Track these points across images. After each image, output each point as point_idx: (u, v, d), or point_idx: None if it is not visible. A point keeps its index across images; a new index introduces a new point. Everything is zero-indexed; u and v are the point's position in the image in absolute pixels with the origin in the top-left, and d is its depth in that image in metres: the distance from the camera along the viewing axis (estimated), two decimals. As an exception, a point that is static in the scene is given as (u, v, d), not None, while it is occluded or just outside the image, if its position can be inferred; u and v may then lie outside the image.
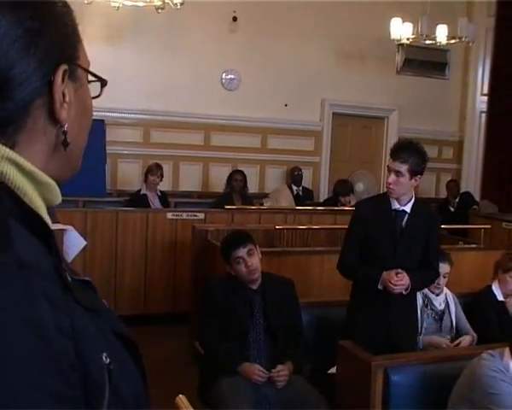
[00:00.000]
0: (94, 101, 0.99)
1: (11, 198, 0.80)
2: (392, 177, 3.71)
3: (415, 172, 3.72)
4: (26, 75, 0.83)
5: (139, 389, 0.91)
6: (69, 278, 0.82)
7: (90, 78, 0.98)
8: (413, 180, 3.74)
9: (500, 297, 4.83)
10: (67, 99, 0.88)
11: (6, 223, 0.75)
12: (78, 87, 0.92)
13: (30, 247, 0.76)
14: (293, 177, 9.41)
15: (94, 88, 0.99)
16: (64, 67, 0.88)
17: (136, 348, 0.94)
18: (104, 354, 0.81)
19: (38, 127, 0.86)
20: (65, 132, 0.89)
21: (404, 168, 3.69)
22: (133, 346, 0.93)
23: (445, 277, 4.59)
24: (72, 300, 0.79)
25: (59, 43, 0.88)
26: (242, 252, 3.97)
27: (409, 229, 3.81)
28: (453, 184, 9.82)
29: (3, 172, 0.81)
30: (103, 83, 0.99)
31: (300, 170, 9.47)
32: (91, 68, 0.97)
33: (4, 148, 0.82)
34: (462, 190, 10.18)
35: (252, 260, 3.98)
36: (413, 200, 3.84)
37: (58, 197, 0.90)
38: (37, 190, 0.85)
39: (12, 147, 0.83)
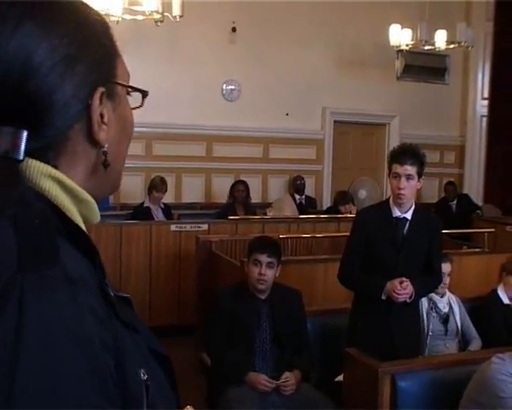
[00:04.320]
0: None
1: (56, 215, 0.81)
2: (403, 181, 3.69)
3: (420, 174, 3.74)
4: (65, 101, 0.84)
5: (172, 404, 0.93)
6: (112, 294, 0.83)
7: (131, 90, 0.98)
8: (418, 183, 3.76)
9: (506, 300, 4.82)
10: (106, 120, 0.89)
11: (54, 239, 0.76)
12: (117, 105, 0.93)
13: (76, 262, 0.78)
14: (296, 186, 9.41)
15: (134, 99, 0.99)
16: (101, 89, 0.88)
17: (169, 364, 0.96)
18: (142, 371, 0.82)
19: (78, 150, 0.87)
20: (105, 153, 0.90)
21: (414, 171, 3.69)
22: (167, 362, 0.95)
23: (448, 275, 4.61)
24: (113, 315, 0.80)
25: (95, 66, 0.88)
26: (263, 259, 4.00)
27: (410, 236, 3.79)
28: (452, 188, 9.74)
29: (46, 188, 0.82)
30: (144, 94, 1.00)
31: (303, 179, 9.47)
32: None
33: (46, 165, 0.83)
34: (466, 194, 10.21)
35: (267, 272, 3.99)
36: (413, 206, 3.83)
37: (97, 215, 0.91)
38: (77, 208, 0.86)
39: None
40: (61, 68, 0.83)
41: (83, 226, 0.87)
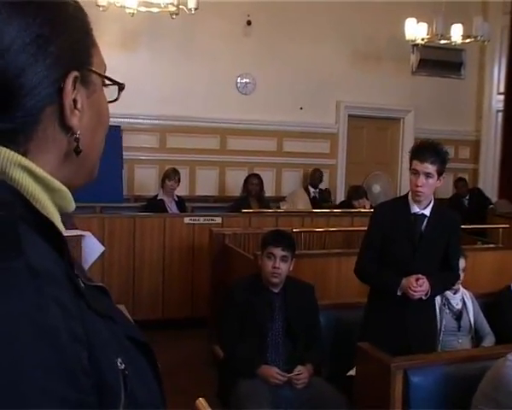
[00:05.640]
0: (110, 107, 0.97)
1: (24, 205, 0.79)
2: (422, 179, 3.63)
3: (441, 173, 3.68)
4: (36, 83, 0.82)
5: (155, 394, 0.91)
6: (82, 284, 0.81)
7: (108, 82, 0.96)
8: (438, 181, 3.70)
9: (520, 297, 4.79)
10: (79, 106, 0.87)
11: (17, 229, 0.74)
12: (92, 93, 0.91)
13: (41, 253, 0.76)
14: (314, 178, 9.40)
15: (112, 92, 0.97)
16: (75, 73, 0.86)
17: (151, 353, 0.93)
18: (119, 360, 0.80)
19: (49, 135, 0.85)
20: (77, 139, 0.88)
21: (433, 169, 3.63)
22: (148, 351, 0.93)
23: (463, 271, 4.58)
24: (84, 306, 0.78)
25: (69, 50, 0.86)
26: (278, 252, 3.99)
27: (428, 233, 3.75)
28: (462, 184, 9.69)
29: (16, 178, 0.80)
30: (120, 87, 0.98)
31: (321, 172, 9.48)
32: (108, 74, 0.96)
33: (16, 154, 0.81)
34: (479, 188, 10.16)
35: (281, 265, 3.99)
36: (432, 203, 3.78)
37: (71, 204, 0.89)
38: (50, 197, 0.84)
39: (23, 154, 0.82)
40: (33, 48, 0.81)
41: (56, 216, 0.85)
